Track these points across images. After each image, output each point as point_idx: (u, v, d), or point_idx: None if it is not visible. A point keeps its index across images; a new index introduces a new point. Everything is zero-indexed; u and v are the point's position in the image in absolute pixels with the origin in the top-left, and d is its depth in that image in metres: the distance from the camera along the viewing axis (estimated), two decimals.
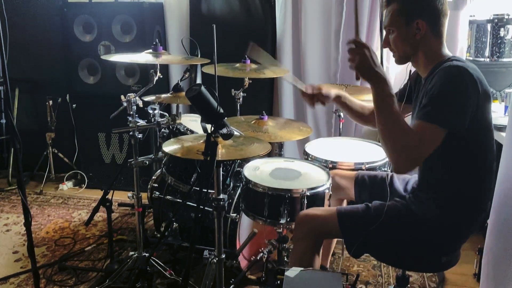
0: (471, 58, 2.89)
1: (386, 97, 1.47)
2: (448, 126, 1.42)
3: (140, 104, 2.13)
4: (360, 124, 2.10)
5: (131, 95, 2.09)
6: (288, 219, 1.82)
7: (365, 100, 3.29)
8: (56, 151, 3.73)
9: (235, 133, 1.70)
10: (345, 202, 2.19)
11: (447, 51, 1.60)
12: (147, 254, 2.25)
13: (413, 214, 1.61)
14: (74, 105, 3.61)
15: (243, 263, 2.25)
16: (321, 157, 2.19)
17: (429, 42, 1.56)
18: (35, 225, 3.02)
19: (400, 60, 1.65)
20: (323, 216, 1.70)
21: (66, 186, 3.69)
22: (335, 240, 2.22)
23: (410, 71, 1.76)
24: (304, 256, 1.68)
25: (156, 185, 2.53)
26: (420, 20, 1.53)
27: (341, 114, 2.71)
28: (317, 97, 1.98)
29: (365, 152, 2.33)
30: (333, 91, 2.00)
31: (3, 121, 3.74)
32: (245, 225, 2.32)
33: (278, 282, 1.94)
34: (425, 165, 1.60)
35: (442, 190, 1.58)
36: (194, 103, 1.51)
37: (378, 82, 1.47)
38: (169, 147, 1.74)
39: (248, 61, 2.68)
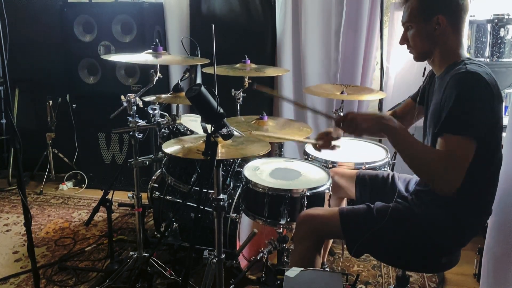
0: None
1: (398, 132, 1.47)
2: (476, 134, 1.39)
3: (140, 104, 2.13)
4: None
5: (131, 95, 2.09)
6: (288, 219, 1.82)
7: (366, 100, 3.33)
8: (56, 151, 3.73)
9: (235, 133, 1.70)
10: (344, 201, 2.19)
11: (463, 51, 1.56)
12: (147, 254, 2.25)
13: (415, 215, 1.61)
14: (74, 105, 3.61)
15: (243, 263, 2.25)
16: (321, 157, 2.19)
17: (448, 39, 1.53)
18: (35, 225, 3.02)
19: (418, 57, 1.61)
20: (324, 216, 1.69)
21: (66, 186, 3.69)
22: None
23: (425, 68, 1.74)
24: (305, 256, 1.67)
25: (156, 185, 2.53)
26: (441, 15, 1.50)
27: (341, 114, 2.70)
28: (329, 140, 1.85)
29: (365, 152, 2.33)
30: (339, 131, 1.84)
31: (3, 121, 3.74)
32: (245, 225, 2.32)
33: (278, 282, 1.94)
34: None
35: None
36: (194, 103, 1.51)
37: (383, 127, 1.48)
38: (169, 147, 1.73)
39: (248, 61, 2.68)
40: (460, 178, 1.38)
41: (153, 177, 2.60)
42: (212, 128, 1.52)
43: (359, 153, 2.32)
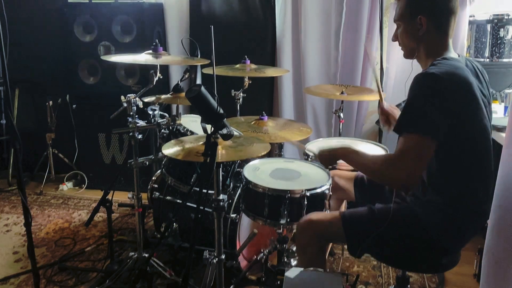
0: (470, 59, 2.88)
1: (352, 158, 1.63)
2: (428, 130, 1.41)
3: (140, 104, 2.13)
4: None
5: (131, 95, 2.09)
6: (288, 220, 1.82)
7: (366, 100, 3.33)
8: (56, 151, 3.73)
9: (235, 133, 1.70)
10: (344, 202, 2.19)
11: (448, 52, 1.58)
12: (147, 255, 2.25)
13: (416, 216, 1.60)
14: (74, 106, 3.61)
15: (243, 263, 2.24)
16: None
17: (431, 39, 1.57)
18: (35, 226, 3.02)
19: (406, 54, 1.68)
20: (327, 221, 1.68)
21: (66, 186, 3.69)
22: None
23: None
24: (312, 262, 1.65)
25: (156, 185, 2.53)
26: (422, 16, 1.54)
27: (341, 114, 2.70)
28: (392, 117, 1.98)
29: None
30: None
31: (3, 121, 3.74)
32: (245, 225, 2.32)
33: (278, 282, 1.95)
34: (427, 169, 1.59)
35: (445, 194, 1.56)
36: (194, 103, 1.51)
37: (336, 154, 1.71)
38: (169, 149, 1.73)
39: (248, 61, 2.68)
40: (415, 174, 1.42)
41: (153, 178, 2.60)
42: (212, 129, 1.52)
43: None
